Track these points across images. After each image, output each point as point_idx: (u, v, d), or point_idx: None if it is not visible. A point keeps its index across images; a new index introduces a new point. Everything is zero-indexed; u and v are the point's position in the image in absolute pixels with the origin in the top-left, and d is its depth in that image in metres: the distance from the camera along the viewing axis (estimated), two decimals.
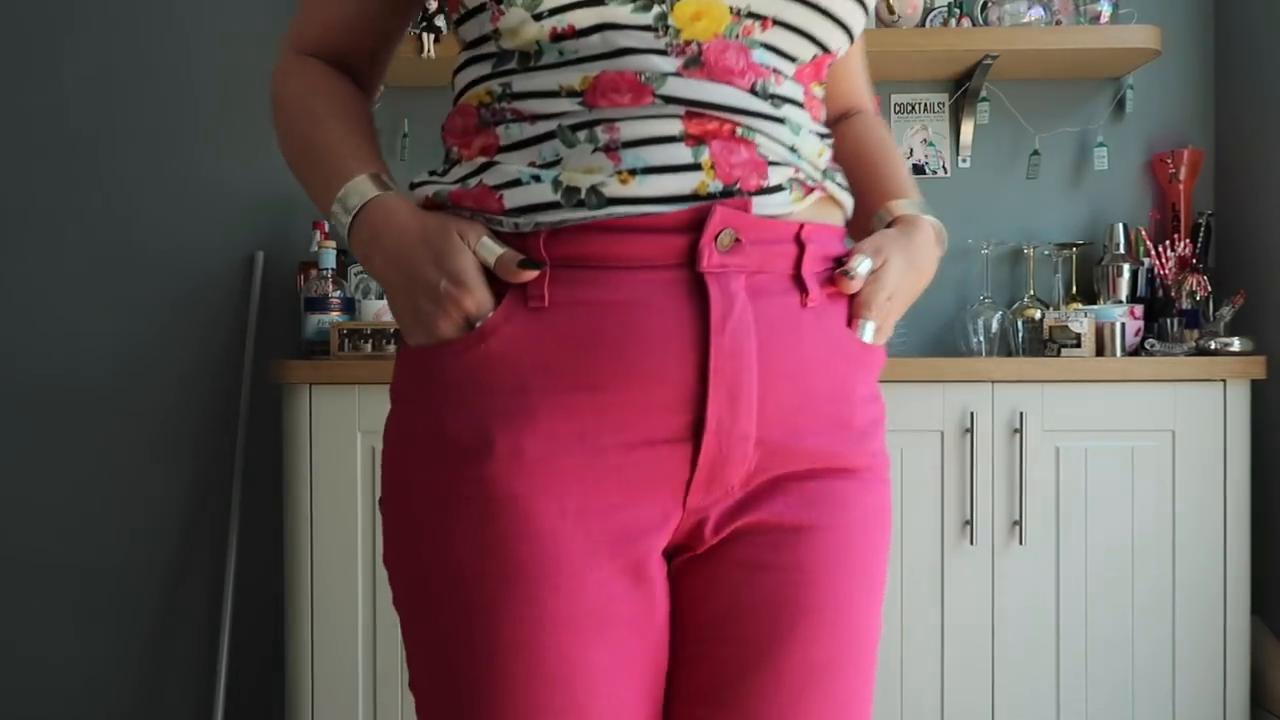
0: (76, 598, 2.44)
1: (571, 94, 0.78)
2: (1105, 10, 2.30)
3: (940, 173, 2.47)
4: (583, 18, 0.77)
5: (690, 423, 0.78)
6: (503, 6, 0.79)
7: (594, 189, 0.77)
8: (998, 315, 2.32)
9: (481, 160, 0.82)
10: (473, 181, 0.81)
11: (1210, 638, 1.98)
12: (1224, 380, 1.98)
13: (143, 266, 2.45)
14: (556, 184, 0.77)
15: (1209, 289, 2.21)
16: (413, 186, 0.87)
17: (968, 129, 2.44)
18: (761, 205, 0.79)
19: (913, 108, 2.47)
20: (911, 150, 2.48)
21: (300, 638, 1.98)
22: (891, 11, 2.28)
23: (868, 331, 0.85)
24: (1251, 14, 2.34)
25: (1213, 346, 2.05)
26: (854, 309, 0.85)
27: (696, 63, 0.78)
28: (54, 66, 2.46)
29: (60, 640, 2.45)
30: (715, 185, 0.78)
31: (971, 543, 1.98)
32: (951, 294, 2.44)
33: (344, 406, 1.97)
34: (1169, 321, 2.20)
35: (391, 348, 2.05)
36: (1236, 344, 2.04)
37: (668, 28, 0.78)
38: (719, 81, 0.79)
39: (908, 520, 1.98)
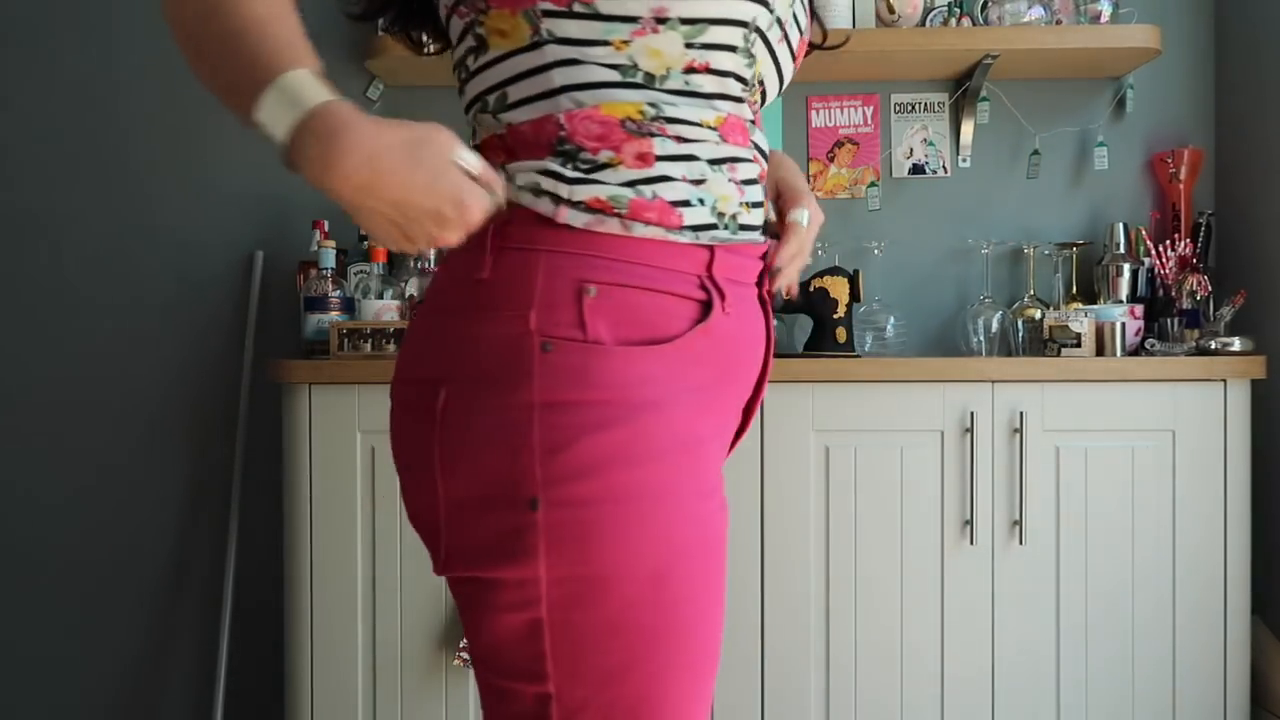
0: (76, 597, 2.45)
1: (709, 128, 0.88)
2: (1105, 9, 2.30)
3: (940, 172, 2.47)
4: (720, 60, 0.87)
5: (745, 401, 0.98)
6: (662, 27, 0.83)
7: (733, 216, 0.90)
8: (998, 315, 2.32)
9: (646, 171, 0.85)
10: (648, 191, 0.85)
11: (1210, 638, 1.98)
12: (1224, 380, 1.98)
13: (142, 266, 2.45)
14: (714, 209, 0.89)
15: (1209, 289, 2.21)
16: (537, 191, 0.85)
17: (968, 129, 2.44)
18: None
19: (913, 107, 2.47)
20: (912, 150, 2.47)
21: (300, 637, 1.98)
22: (891, 11, 2.28)
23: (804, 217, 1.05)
24: (1251, 14, 2.34)
25: (1213, 346, 2.05)
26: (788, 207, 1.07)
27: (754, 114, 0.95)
28: (54, 66, 2.46)
29: (60, 640, 2.45)
30: (765, 219, 0.97)
31: (971, 543, 1.98)
32: (951, 294, 2.44)
33: (344, 406, 1.97)
34: (1169, 321, 2.20)
35: (392, 348, 2.05)
36: (1237, 344, 2.04)
37: (753, 84, 0.92)
38: (761, 131, 0.95)
39: (908, 520, 1.98)
